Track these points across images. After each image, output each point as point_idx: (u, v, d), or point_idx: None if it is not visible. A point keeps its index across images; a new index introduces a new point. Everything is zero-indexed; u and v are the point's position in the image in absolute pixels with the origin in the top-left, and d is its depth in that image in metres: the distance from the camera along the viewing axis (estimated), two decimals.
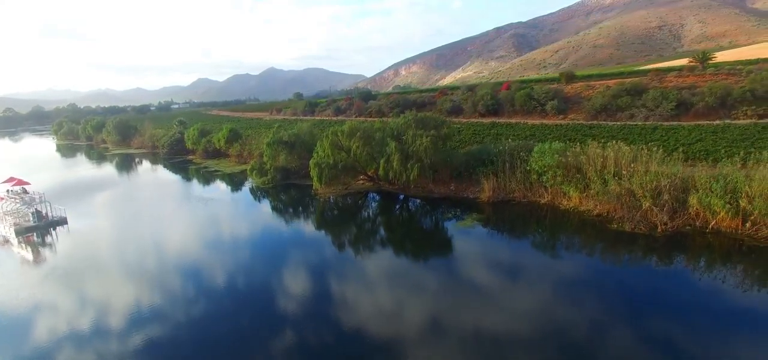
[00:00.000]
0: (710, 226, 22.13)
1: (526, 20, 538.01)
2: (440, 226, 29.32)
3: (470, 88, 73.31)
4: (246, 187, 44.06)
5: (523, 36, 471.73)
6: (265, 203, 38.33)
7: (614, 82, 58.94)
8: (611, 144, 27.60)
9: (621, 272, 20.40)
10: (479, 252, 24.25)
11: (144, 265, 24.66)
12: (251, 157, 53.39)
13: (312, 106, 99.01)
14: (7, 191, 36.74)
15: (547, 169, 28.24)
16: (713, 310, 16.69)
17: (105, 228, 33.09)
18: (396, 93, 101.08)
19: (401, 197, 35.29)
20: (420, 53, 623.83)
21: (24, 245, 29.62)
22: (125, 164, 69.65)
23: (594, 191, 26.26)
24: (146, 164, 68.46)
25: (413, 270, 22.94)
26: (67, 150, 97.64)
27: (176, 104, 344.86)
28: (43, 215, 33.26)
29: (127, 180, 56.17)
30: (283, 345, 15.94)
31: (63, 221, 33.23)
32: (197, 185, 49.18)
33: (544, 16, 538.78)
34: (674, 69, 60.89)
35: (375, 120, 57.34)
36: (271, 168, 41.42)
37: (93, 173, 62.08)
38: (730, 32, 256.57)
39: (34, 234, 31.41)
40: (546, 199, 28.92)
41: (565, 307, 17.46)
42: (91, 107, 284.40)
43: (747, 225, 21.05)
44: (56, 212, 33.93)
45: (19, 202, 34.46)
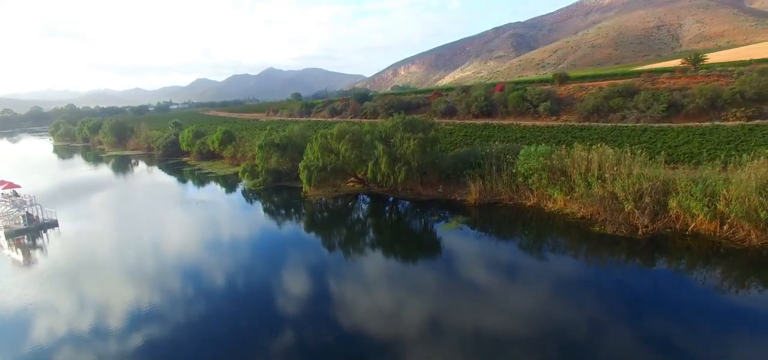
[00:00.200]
0: (690, 229, 22.37)
1: (525, 20, 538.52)
2: (426, 229, 29.55)
3: (464, 90, 73.43)
4: (238, 189, 44.28)
5: (522, 36, 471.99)
6: (257, 205, 38.57)
7: (607, 84, 59.04)
8: (596, 147, 27.84)
9: (602, 274, 20.63)
10: (463, 254, 24.43)
11: (132, 267, 24.86)
12: (245, 159, 53.62)
13: (308, 107, 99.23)
14: None
15: (533, 172, 28.46)
16: (691, 313, 16.87)
17: (96, 230, 33.28)
18: (391, 94, 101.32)
19: (390, 199, 35.47)
20: (419, 53, 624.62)
21: (14, 248, 29.83)
22: (120, 166, 69.83)
23: (578, 194, 26.49)
24: (141, 166, 68.64)
25: (399, 272, 23.12)
26: (64, 151, 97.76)
27: (175, 105, 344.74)
28: (34, 218, 33.48)
29: (121, 182, 56.34)
30: (270, 346, 16.14)
31: (54, 224, 33.44)
32: (190, 187, 49.38)
33: (543, 16, 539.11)
34: (667, 70, 61.09)
35: (365, 121, 57.69)
36: (263, 170, 41.67)
37: (87, 175, 62.24)
38: (728, 32, 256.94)
39: (25, 237, 31.61)
40: (532, 202, 29.14)
41: (547, 310, 17.66)
42: (90, 108, 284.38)
43: (725, 227, 21.29)
44: (47, 215, 34.13)
45: (10, 205, 34.65)
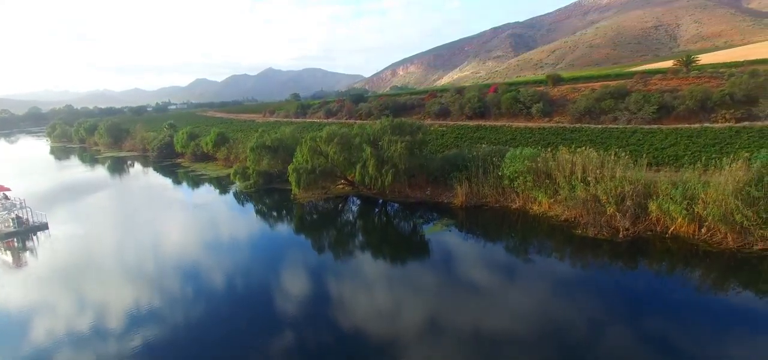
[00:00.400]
0: (669, 232, 22.59)
1: (524, 20, 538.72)
2: (413, 231, 29.77)
3: (458, 91, 73.57)
4: (230, 191, 44.46)
5: (521, 36, 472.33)
6: (247, 207, 38.77)
7: (599, 85, 59.22)
8: (580, 150, 28.04)
9: (583, 277, 20.82)
10: (447, 257, 24.64)
11: (121, 270, 25.07)
12: (238, 161, 53.83)
13: (304, 108, 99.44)
14: None
15: (518, 175, 28.66)
16: (670, 315, 17.04)
17: (86, 233, 33.41)
18: (386, 95, 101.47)
19: (380, 202, 35.69)
20: (417, 53, 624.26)
21: (3, 250, 30.03)
22: (114, 167, 69.93)
23: (562, 197, 26.70)
24: (135, 167, 68.78)
25: (386, 273, 23.37)
26: (60, 152, 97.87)
27: (174, 105, 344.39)
28: (24, 221, 33.62)
29: (114, 184, 56.43)
30: (257, 346, 16.43)
31: (44, 226, 33.58)
32: (183, 189, 49.54)
33: (542, 16, 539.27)
34: (660, 71, 61.31)
35: (358, 123, 57.78)
36: (254, 172, 41.88)
37: (81, 177, 62.31)
38: (726, 32, 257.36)
39: (15, 239, 31.77)
40: (517, 204, 29.35)
41: (527, 311, 17.94)
42: (88, 108, 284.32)
43: (703, 230, 21.51)
44: (37, 218, 34.28)
45: (0, 208, 34.80)
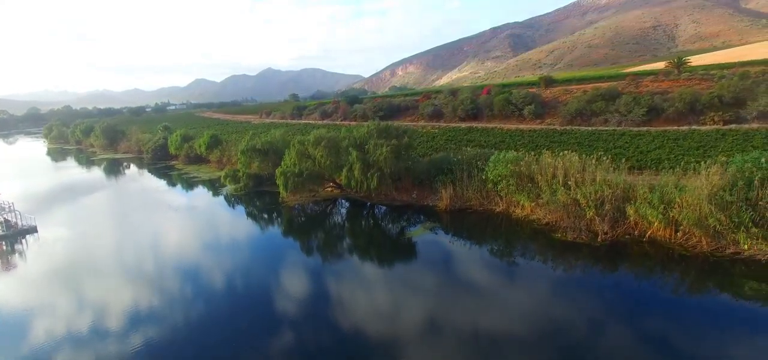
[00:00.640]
0: (647, 236, 22.78)
1: (523, 20, 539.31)
2: (399, 234, 29.89)
3: (452, 92, 73.82)
4: (221, 194, 44.68)
5: (520, 36, 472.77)
6: (237, 210, 38.99)
7: (591, 87, 59.49)
8: (563, 154, 28.24)
9: (560, 281, 20.99)
10: (429, 260, 24.87)
11: (108, 273, 25.25)
12: (230, 163, 54.07)
13: (300, 110, 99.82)
14: None
15: (501, 179, 28.86)
16: (645, 318, 17.21)
17: (75, 236, 33.60)
18: (380, 97, 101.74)
19: (367, 204, 35.90)
20: (417, 53, 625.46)
21: None
22: (108, 169, 70.10)
23: (544, 200, 26.89)
24: (129, 170, 68.98)
25: (371, 275, 23.59)
26: (57, 154, 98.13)
27: (173, 105, 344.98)
28: (12, 224, 33.84)
29: (106, 186, 56.59)
30: (244, 347, 16.65)
31: (33, 230, 33.79)
32: (174, 191, 49.74)
33: (540, 16, 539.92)
34: (652, 73, 61.49)
35: (347, 124, 58.07)
36: (244, 175, 42.14)
37: (75, 178, 62.48)
38: (724, 32, 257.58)
39: (3, 243, 31.97)
40: (500, 208, 29.52)
41: (502, 314, 18.16)
42: (87, 108, 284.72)
43: (678, 234, 21.70)
44: (26, 221, 34.48)
45: None
